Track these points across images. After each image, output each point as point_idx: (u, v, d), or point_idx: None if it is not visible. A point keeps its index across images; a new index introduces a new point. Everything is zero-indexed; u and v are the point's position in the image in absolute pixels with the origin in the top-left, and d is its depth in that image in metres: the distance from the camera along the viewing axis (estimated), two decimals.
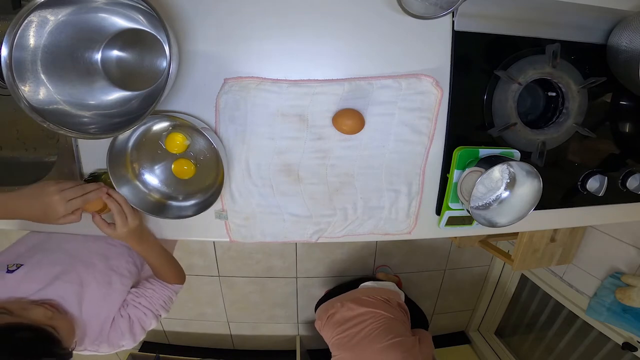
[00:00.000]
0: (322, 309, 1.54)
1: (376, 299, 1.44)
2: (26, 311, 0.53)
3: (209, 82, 0.66)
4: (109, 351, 0.67)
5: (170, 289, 0.79)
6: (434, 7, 0.62)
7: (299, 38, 0.65)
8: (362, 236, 0.81)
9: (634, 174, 0.81)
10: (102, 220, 0.65)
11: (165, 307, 0.77)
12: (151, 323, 0.73)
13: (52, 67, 0.57)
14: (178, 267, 0.82)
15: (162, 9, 0.58)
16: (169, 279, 0.79)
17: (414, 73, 0.69)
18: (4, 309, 0.52)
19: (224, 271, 2.01)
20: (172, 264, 0.80)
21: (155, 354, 2.06)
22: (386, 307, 1.41)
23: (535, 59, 0.71)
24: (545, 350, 1.91)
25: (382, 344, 1.23)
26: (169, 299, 0.78)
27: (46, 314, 0.54)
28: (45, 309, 0.55)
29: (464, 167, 0.73)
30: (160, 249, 0.76)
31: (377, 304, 1.41)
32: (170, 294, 0.79)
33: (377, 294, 1.48)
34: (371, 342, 1.26)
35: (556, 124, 0.76)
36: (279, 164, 0.73)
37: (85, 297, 0.64)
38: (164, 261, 0.78)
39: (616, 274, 1.42)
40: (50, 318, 0.54)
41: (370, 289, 1.54)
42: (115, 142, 0.64)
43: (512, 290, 2.15)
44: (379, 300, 1.44)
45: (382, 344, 1.23)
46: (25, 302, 0.57)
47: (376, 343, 1.24)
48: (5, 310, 0.52)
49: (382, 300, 1.45)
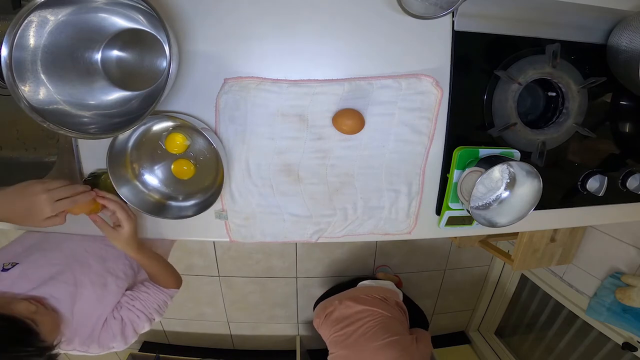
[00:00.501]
0: (321, 307, 1.54)
1: (374, 298, 1.45)
2: (9, 304, 0.53)
3: (209, 82, 0.66)
4: (98, 352, 0.67)
5: (166, 293, 0.79)
6: (434, 7, 0.62)
7: (299, 38, 0.65)
8: (362, 236, 0.81)
9: (634, 174, 0.81)
10: (104, 222, 0.65)
11: (160, 311, 0.77)
12: (144, 326, 0.73)
13: (52, 67, 0.57)
14: (175, 272, 0.83)
15: (162, 9, 0.58)
16: (165, 284, 0.79)
17: (414, 73, 0.69)
18: None
19: (224, 271, 2.01)
20: (168, 269, 0.81)
21: (155, 354, 2.06)
22: (384, 305, 1.41)
23: (535, 59, 0.71)
24: (545, 350, 1.91)
25: (378, 343, 1.23)
26: (164, 303, 0.79)
27: (29, 308, 0.54)
28: (29, 303, 0.55)
29: (464, 167, 0.73)
30: (157, 256, 0.77)
31: (375, 302, 1.41)
32: (165, 298, 0.79)
33: (375, 293, 1.48)
34: (368, 340, 1.26)
35: (556, 124, 0.76)
36: (279, 164, 0.73)
37: (79, 298, 0.64)
38: (161, 267, 0.78)
39: (616, 274, 1.42)
40: (34, 312, 0.54)
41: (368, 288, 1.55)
42: (115, 142, 0.64)
43: (512, 290, 2.15)
44: (377, 299, 1.44)
45: (378, 343, 1.23)
46: (10, 297, 0.56)
47: (373, 341, 1.24)
48: None
49: (380, 299, 1.45)
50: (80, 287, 0.66)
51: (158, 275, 0.78)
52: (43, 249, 0.71)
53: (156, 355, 2.05)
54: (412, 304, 1.68)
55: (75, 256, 0.71)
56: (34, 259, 0.66)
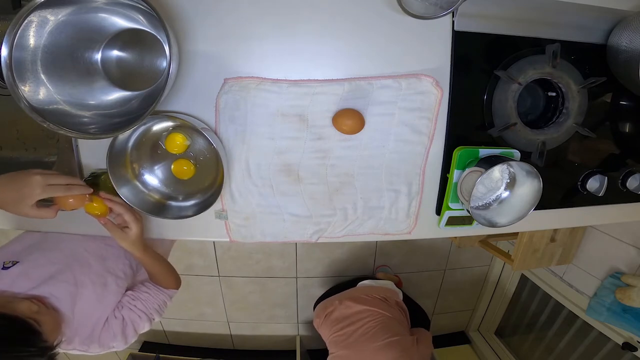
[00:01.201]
0: (321, 307, 1.54)
1: (374, 298, 1.44)
2: (11, 304, 0.53)
3: (209, 82, 0.66)
4: (98, 351, 0.67)
5: (166, 294, 0.79)
6: (434, 7, 0.62)
7: (299, 38, 0.65)
8: (362, 236, 0.81)
9: (634, 174, 0.81)
10: (113, 224, 0.65)
11: (160, 311, 0.77)
12: (144, 326, 0.73)
13: (52, 67, 0.57)
14: (174, 272, 0.83)
15: (162, 9, 0.58)
16: (165, 284, 0.79)
17: (414, 73, 0.69)
18: None
19: (224, 271, 2.01)
20: (169, 270, 0.81)
21: (155, 354, 2.06)
22: (384, 305, 1.41)
23: (535, 59, 0.71)
24: (545, 350, 1.91)
25: (379, 343, 1.23)
26: (164, 303, 0.79)
27: (31, 308, 0.54)
28: (31, 302, 0.55)
29: (464, 167, 0.73)
30: (159, 257, 0.77)
31: (375, 303, 1.41)
32: (165, 298, 0.79)
33: (375, 293, 1.48)
34: (368, 341, 1.26)
35: (556, 124, 0.76)
36: (279, 164, 0.73)
37: (79, 298, 0.64)
38: (163, 268, 0.78)
39: (616, 274, 1.42)
40: (36, 312, 0.54)
41: (368, 288, 1.54)
42: (115, 142, 0.64)
43: (512, 290, 2.15)
44: (377, 299, 1.44)
45: (379, 343, 1.23)
46: (11, 296, 0.56)
47: (373, 341, 1.24)
48: None
49: (380, 299, 1.45)
50: (81, 286, 0.66)
51: (159, 276, 0.78)
52: (42, 248, 0.71)
53: (156, 355, 2.05)
54: (414, 304, 1.68)
55: (75, 256, 0.71)
56: (34, 257, 0.66)
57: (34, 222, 0.74)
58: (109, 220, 0.65)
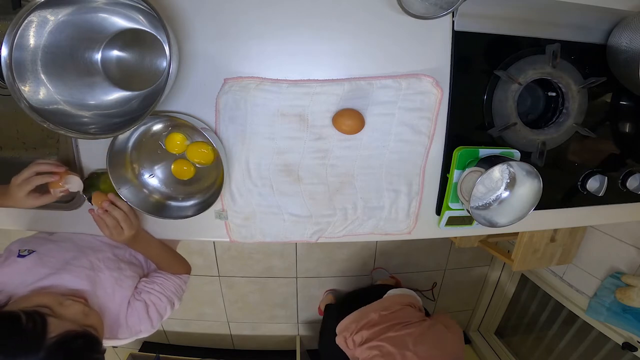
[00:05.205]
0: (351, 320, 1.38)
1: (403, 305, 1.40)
2: (63, 307, 0.53)
3: (209, 82, 0.66)
4: (127, 337, 0.67)
5: (180, 278, 0.80)
6: (434, 7, 0.62)
7: (299, 38, 0.65)
8: (362, 236, 0.81)
9: (634, 174, 0.81)
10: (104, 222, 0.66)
11: (177, 295, 0.78)
12: (166, 308, 0.74)
13: (52, 67, 0.57)
14: (181, 259, 0.84)
15: (162, 9, 0.57)
16: (173, 271, 0.80)
17: (414, 73, 0.69)
18: (44, 306, 0.51)
19: (224, 271, 2.01)
20: (173, 256, 0.82)
21: (155, 354, 2.06)
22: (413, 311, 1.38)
23: (535, 59, 0.71)
24: (545, 350, 1.90)
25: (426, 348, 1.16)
26: (180, 288, 0.79)
27: (84, 310, 0.55)
28: (80, 304, 0.56)
29: (464, 167, 0.73)
30: (158, 243, 0.78)
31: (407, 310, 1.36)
32: (180, 283, 0.80)
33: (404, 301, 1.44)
34: (415, 344, 1.19)
35: (556, 124, 0.76)
36: (279, 164, 0.73)
37: (98, 281, 0.65)
38: (165, 255, 0.79)
39: (616, 274, 1.42)
40: (87, 315, 0.55)
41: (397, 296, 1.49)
42: (115, 142, 0.64)
43: (512, 290, 2.15)
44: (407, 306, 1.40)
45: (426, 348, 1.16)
46: (57, 296, 0.56)
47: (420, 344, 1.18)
48: (45, 307, 0.51)
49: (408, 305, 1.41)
50: (97, 270, 0.67)
51: (164, 265, 0.79)
52: (54, 240, 0.73)
53: (156, 355, 2.05)
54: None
55: (87, 244, 0.73)
56: (49, 247, 0.68)
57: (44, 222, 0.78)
58: (99, 217, 0.66)
